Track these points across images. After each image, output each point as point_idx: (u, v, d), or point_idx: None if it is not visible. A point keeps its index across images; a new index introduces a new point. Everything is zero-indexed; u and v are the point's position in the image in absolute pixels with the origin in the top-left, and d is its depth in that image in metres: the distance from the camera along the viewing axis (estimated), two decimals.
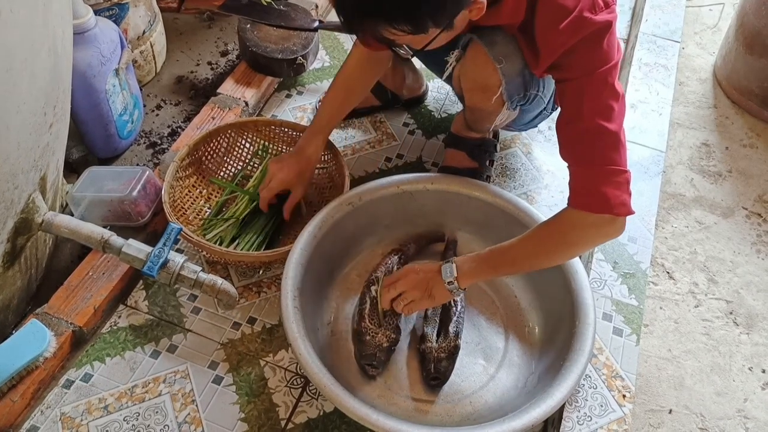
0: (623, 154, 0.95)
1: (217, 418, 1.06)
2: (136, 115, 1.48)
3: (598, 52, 0.93)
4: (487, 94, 1.07)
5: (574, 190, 0.99)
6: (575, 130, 0.96)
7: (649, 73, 1.68)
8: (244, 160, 1.42)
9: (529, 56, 1.00)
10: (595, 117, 0.94)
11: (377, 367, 1.07)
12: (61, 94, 1.02)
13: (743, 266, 1.38)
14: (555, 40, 0.93)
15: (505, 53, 1.02)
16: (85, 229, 1.05)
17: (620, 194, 0.94)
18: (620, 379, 1.08)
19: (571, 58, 0.94)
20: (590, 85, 0.94)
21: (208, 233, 1.26)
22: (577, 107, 0.95)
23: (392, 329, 1.10)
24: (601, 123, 0.93)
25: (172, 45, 1.72)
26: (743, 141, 1.64)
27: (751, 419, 1.14)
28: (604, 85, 0.94)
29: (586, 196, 0.96)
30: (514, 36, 1.02)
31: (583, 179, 0.97)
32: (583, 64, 0.93)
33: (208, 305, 1.21)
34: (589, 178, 0.96)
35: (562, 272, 1.12)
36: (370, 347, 1.08)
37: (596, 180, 0.95)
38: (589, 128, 0.94)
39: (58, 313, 1.12)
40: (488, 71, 1.03)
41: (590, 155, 0.96)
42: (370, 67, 1.25)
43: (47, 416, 1.05)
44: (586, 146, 0.96)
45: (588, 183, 0.96)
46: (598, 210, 0.95)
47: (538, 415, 0.94)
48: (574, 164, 0.99)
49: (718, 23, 2.01)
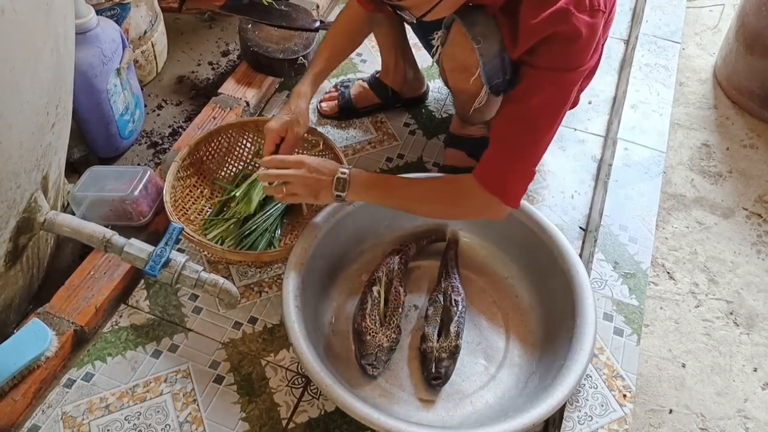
0: (540, 156, 1.04)
1: (218, 418, 1.06)
2: (138, 114, 1.48)
3: (566, 52, 0.95)
4: (465, 75, 1.08)
5: (485, 163, 1.04)
6: (516, 110, 1.01)
7: (650, 73, 1.68)
8: (245, 160, 1.42)
9: (509, 39, 1.00)
10: (539, 113, 0.99)
11: (378, 366, 1.07)
12: (63, 93, 1.03)
13: (743, 266, 1.38)
14: (535, 25, 0.94)
15: (483, 33, 1.02)
16: (87, 229, 1.05)
17: (518, 188, 1.04)
18: (621, 379, 1.09)
19: (544, 47, 0.95)
20: (551, 81, 0.97)
21: (209, 233, 1.26)
22: (531, 94, 0.98)
23: (393, 329, 1.11)
24: (540, 122, 0.99)
25: (173, 45, 1.72)
26: (744, 141, 1.64)
27: (752, 419, 1.14)
28: (562, 88, 0.98)
29: (491, 175, 1.03)
30: (495, 17, 1.02)
31: (497, 158, 1.03)
32: (553, 58, 0.96)
33: (209, 305, 1.21)
34: (501, 160, 1.02)
35: (563, 272, 1.12)
36: (370, 347, 1.08)
37: (506, 166, 1.02)
38: (528, 118, 0.99)
39: (59, 313, 1.12)
40: (467, 51, 1.04)
41: (515, 142, 1.01)
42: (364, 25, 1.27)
43: (49, 415, 1.05)
44: (516, 131, 1.01)
45: (498, 164, 1.03)
46: (493, 191, 1.03)
47: (539, 414, 0.94)
48: (497, 141, 1.03)
49: (718, 24, 2.02)
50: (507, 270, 1.25)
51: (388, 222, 1.28)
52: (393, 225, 1.28)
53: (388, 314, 1.12)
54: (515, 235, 1.21)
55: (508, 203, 1.04)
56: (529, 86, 0.99)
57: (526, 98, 0.99)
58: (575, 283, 1.10)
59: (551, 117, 1.00)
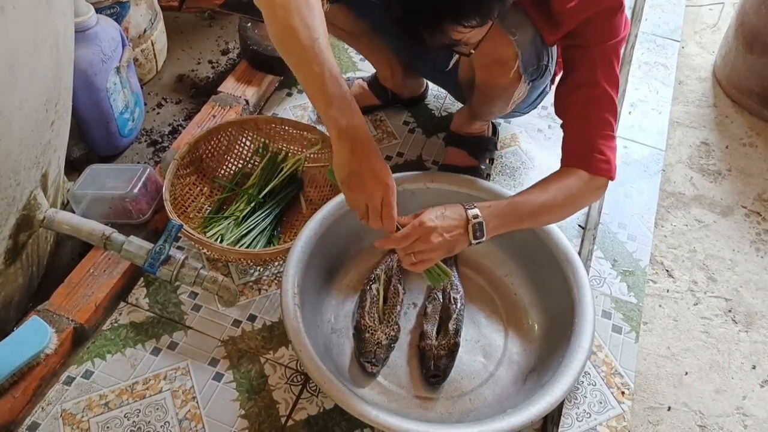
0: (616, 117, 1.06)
1: (217, 415, 1.07)
2: (137, 113, 1.48)
3: (611, 24, 0.99)
4: (504, 68, 1.07)
5: (577, 150, 1.05)
6: (588, 94, 1.03)
7: (649, 72, 1.68)
8: (244, 159, 1.42)
9: (543, 25, 1.02)
10: (606, 84, 1.01)
11: (376, 364, 1.08)
12: (62, 91, 1.03)
13: (742, 264, 1.38)
14: (575, 8, 0.97)
15: (516, 24, 1.03)
16: (86, 226, 1.06)
17: (614, 158, 1.05)
18: (619, 377, 1.09)
19: (588, 27, 0.99)
20: (603, 54, 1.01)
21: (208, 231, 1.26)
22: (592, 74, 1.01)
23: (392, 326, 1.11)
24: (609, 91, 1.02)
25: (173, 43, 1.73)
26: (743, 140, 1.65)
27: (750, 417, 1.15)
28: (614, 55, 1.02)
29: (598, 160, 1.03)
30: (521, 6, 1.03)
31: (593, 143, 1.03)
32: (599, 34, 0.99)
33: (208, 303, 1.21)
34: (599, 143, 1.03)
35: (561, 270, 1.12)
36: (369, 344, 1.08)
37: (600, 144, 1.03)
38: (602, 95, 1.02)
39: (59, 310, 1.12)
40: (504, 44, 1.03)
41: (599, 120, 1.03)
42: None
43: (48, 413, 1.05)
44: (596, 111, 1.03)
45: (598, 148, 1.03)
46: (602, 173, 1.04)
47: (538, 411, 0.94)
48: (585, 125, 1.04)
49: (717, 22, 2.02)
50: (506, 268, 1.25)
51: None
52: None
53: (387, 312, 1.12)
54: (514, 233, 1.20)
55: (612, 177, 1.05)
56: (588, 66, 1.02)
57: (590, 78, 1.02)
58: (574, 280, 1.10)
59: (615, 79, 1.03)
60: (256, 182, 1.35)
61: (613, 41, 1.01)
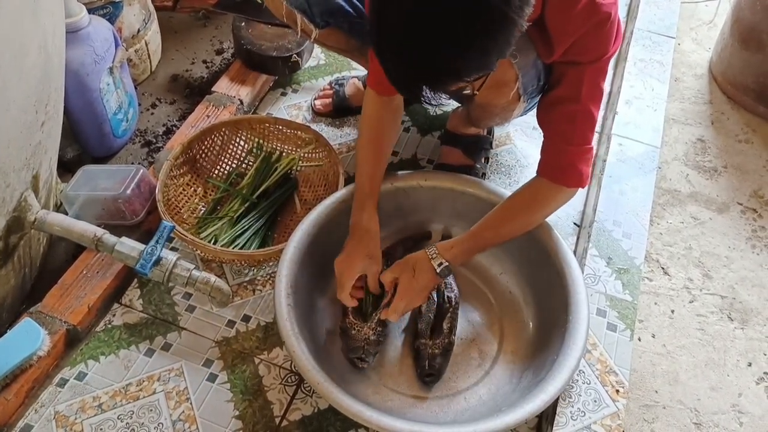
0: (594, 131, 1.06)
1: (211, 416, 1.06)
2: (131, 113, 1.48)
3: (603, 39, 0.97)
4: (504, 90, 1.07)
5: (553, 164, 1.07)
6: (568, 110, 1.03)
7: (644, 68, 1.68)
8: (238, 159, 1.42)
9: (541, 46, 1.00)
10: (589, 102, 1.02)
11: (366, 360, 1.07)
12: (53, 92, 1.02)
13: (738, 261, 1.37)
14: (569, 25, 0.95)
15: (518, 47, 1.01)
16: (77, 228, 1.05)
17: (588, 169, 1.07)
18: (614, 375, 1.08)
19: (581, 44, 0.97)
20: (592, 71, 1.00)
21: (202, 232, 1.26)
22: (576, 90, 1.01)
23: (377, 322, 1.10)
24: (591, 108, 1.02)
25: (167, 44, 1.72)
26: (738, 136, 1.64)
27: (746, 414, 1.14)
28: (601, 71, 1.01)
29: (566, 172, 1.06)
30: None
31: (564, 156, 1.05)
32: (591, 51, 0.98)
33: (202, 303, 1.21)
34: (570, 155, 1.05)
35: (556, 268, 1.12)
36: (356, 341, 1.08)
37: (576, 158, 1.05)
38: (581, 111, 1.02)
39: (52, 312, 1.12)
40: (504, 67, 1.02)
41: (577, 135, 1.04)
42: (392, 114, 1.19)
43: (41, 415, 1.05)
44: (576, 126, 1.04)
45: (569, 160, 1.05)
46: (574, 185, 1.07)
47: (532, 409, 0.94)
48: (559, 140, 1.06)
49: (713, 19, 2.01)
50: (500, 266, 1.25)
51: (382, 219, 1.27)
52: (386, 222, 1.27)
53: (369, 310, 1.12)
54: None
55: (584, 186, 1.08)
56: (574, 83, 1.01)
57: (574, 95, 1.01)
58: (568, 278, 1.10)
59: (599, 97, 1.04)
60: (250, 182, 1.35)
61: (602, 59, 0.99)
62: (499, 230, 1.11)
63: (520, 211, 1.12)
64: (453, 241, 1.11)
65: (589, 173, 1.07)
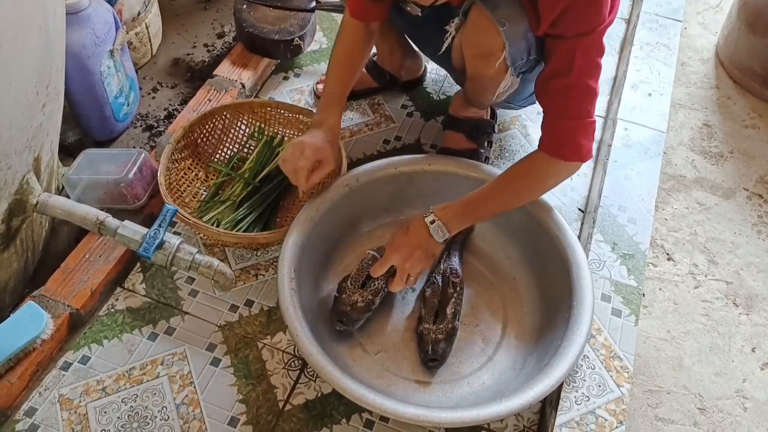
0: (595, 104, 1.04)
1: (215, 400, 1.06)
2: (132, 97, 1.46)
3: (593, 11, 0.96)
4: (491, 60, 1.06)
5: (551, 138, 1.06)
6: (562, 84, 1.02)
7: (651, 52, 1.66)
8: (240, 142, 1.41)
9: (532, 16, 0.99)
10: (583, 75, 1.00)
11: (347, 324, 1.07)
12: (53, 73, 1.01)
13: (744, 247, 1.37)
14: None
15: (507, 15, 1.01)
16: (80, 211, 1.04)
17: (589, 143, 1.05)
18: (618, 360, 1.08)
19: (568, 16, 0.95)
20: (583, 44, 0.98)
21: (204, 215, 1.25)
22: (568, 64, 1.00)
23: (371, 292, 1.10)
24: (587, 81, 1.01)
25: (168, 27, 1.70)
26: (745, 121, 1.63)
27: (750, 399, 1.14)
28: (595, 44, 0.99)
29: (565, 146, 1.04)
30: None
31: (562, 130, 1.04)
32: (580, 23, 0.96)
33: (205, 288, 1.21)
34: (568, 129, 1.03)
35: (560, 253, 1.11)
36: (343, 304, 1.08)
37: (575, 131, 1.03)
38: (575, 84, 1.01)
39: (55, 296, 1.12)
40: (491, 35, 1.02)
41: (573, 109, 1.03)
42: (365, 40, 1.22)
43: (45, 398, 1.05)
44: (570, 101, 1.03)
45: (567, 134, 1.04)
46: (574, 158, 1.05)
47: (536, 394, 0.94)
48: (555, 115, 1.05)
49: (720, 2, 1.98)
50: (505, 251, 1.24)
51: (385, 204, 1.27)
52: (390, 207, 1.27)
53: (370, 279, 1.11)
54: (513, 216, 1.20)
55: (586, 160, 1.06)
56: (565, 57, 1.00)
57: (566, 69, 1.00)
58: (573, 264, 1.09)
59: (595, 71, 1.02)
60: (252, 166, 1.34)
61: (594, 32, 0.97)
62: (495, 199, 1.11)
63: (516, 181, 1.11)
64: (448, 203, 1.10)
65: (590, 147, 1.05)
